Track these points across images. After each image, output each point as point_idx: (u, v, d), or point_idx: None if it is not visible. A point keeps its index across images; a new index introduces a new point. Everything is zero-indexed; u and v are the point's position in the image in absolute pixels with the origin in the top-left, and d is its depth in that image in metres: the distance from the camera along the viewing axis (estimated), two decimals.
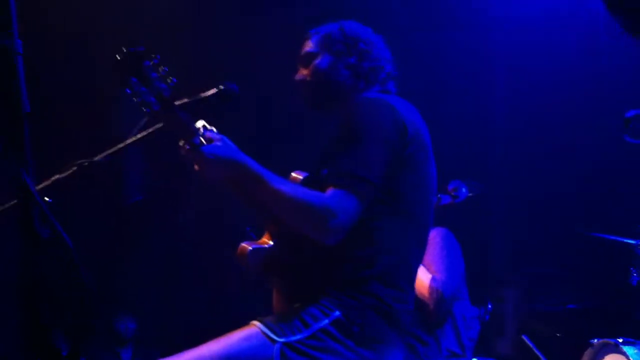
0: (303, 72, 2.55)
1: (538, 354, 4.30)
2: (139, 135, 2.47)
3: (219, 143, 2.18)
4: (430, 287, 3.68)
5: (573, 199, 5.57)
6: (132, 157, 5.64)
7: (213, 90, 2.48)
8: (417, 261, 2.40)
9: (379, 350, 2.23)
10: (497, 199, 5.96)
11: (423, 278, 3.69)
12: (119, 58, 2.09)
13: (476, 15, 5.87)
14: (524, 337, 4.44)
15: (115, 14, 5.56)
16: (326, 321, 2.18)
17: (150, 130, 2.47)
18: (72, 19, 5.47)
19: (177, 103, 2.46)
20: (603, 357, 3.84)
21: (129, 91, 2.10)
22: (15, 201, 1.48)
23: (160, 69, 2.12)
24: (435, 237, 3.98)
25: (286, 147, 5.62)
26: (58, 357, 1.38)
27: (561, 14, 5.58)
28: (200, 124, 2.21)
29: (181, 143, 2.18)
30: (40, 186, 2.26)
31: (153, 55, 2.12)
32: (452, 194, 4.06)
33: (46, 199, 1.60)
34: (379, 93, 2.45)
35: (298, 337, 2.17)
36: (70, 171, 2.36)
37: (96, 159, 2.33)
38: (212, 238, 6.33)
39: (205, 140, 2.17)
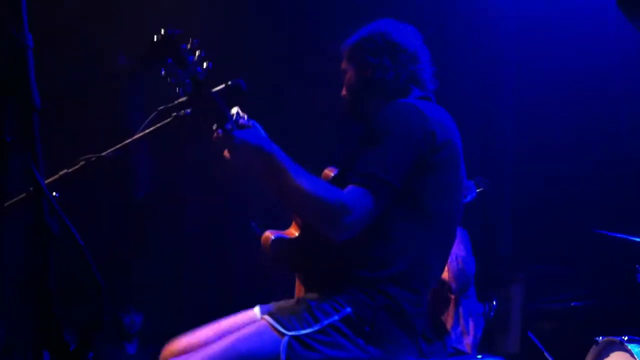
0: (343, 90, 2.57)
1: (543, 351, 4.29)
2: (147, 130, 2.48)
3: (250, 130, 2.20)
4: (450, 261, 3.73)
5: (579, 197, 5.56)
6: (141, 151, 5.66)
7: (221, 86, 2.49)
8: (439, 264, 2.39)
9: (390, 351, 2.22)
10: (503, 196, 5.96)
11: None
12: (156, 39, 2.11)
13: (484, 12, 5.86)
14: (529, 335, 4.44)
15: (124, 11, 5.59)
16: (336, 317, 2.19)
17: (158, 125, 2.48)
18: (81, 15, 5.50)
19: (184, 98, 2.48)
20: (608, 355, 3.83)
21: (163, 71, 2.12)
22: (24, 195, 1.48)
23: (197, 52, 2.14)
24: None
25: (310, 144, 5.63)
26: (67, 351, 1.39)
27: (570, 10, 5.57)
28: (234, 110, 2.22)
29: (214, 127, 2.19)
30: (48, 181, 2.27)
31: (191, 39, 2.14)
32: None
33: (54, 193, 1.61)
34: (416, 99, 2.41)
35: (307, 331, 2.17)
36: (77, 166, 2.36)
37: (104, 154, 2.33)
38: (218, 233, 6.35)
39: (238, 127, 2.18)
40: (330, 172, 2.50)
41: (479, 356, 3.67)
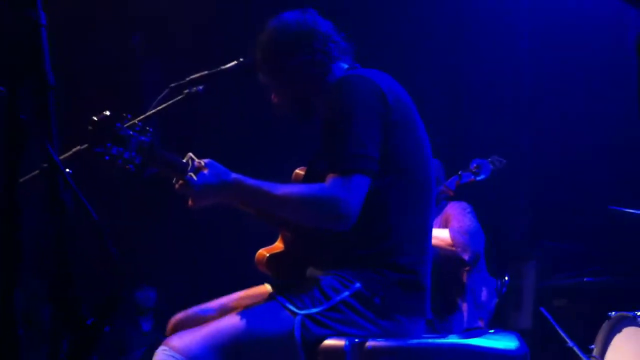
0: (274, 99, 2.53)
1: (556, 327, 4.30)
2: (159, 107, 2.50)
3: (206, 172, 2.21)
4: (452, 236, 3.75)
5: (594, 173, 5.54)
6: (153, 127, 5.67)
7: (233, 63, 2.51)
8: (429, 221, 2.39)
9: (400, 321, 2.25)
10: (519, 173, 5.95)
11: (441, 234, 3.76)
12: (90, 129, 2.10)
13: None
14: (541, 310, 4.44)
15: None
16: (347, 293, 2.20)
17: (170, 102, 2.50)
18: None
19: (196, 75, 2.50)
20: (620, 330, 3.84)
21: (107, 158, 2.12)
22: (39, 171, 1.50)
23: (134, 124, 2.14)
24: (455, 209, 4.00)
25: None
26: (83, 325, 1.41)
27: None
28: (187, 157, 2.24)
29: (174, 181, 2.23)
30: (62, 157, 2.29)
31: (124, 115, 2.13)
32: (474, 171, 4.08)
33: (67, 170, 1.62)
34: (348, 70, 2.41)
35: (319, 309, 2.19)
36: None
37: None
38: (231, 208, 6.36)
39: (195, 173, 2.20)
40: (301, 172, 2.50)
41: (492, 331, 3.68)
